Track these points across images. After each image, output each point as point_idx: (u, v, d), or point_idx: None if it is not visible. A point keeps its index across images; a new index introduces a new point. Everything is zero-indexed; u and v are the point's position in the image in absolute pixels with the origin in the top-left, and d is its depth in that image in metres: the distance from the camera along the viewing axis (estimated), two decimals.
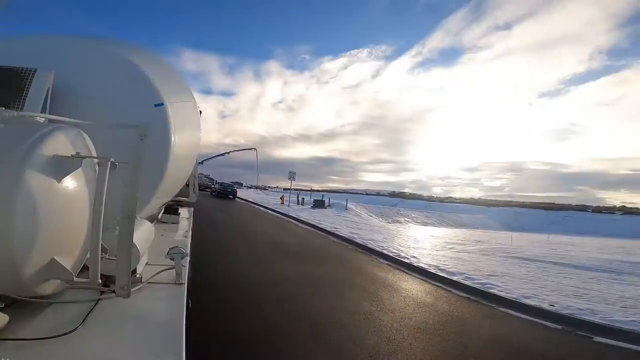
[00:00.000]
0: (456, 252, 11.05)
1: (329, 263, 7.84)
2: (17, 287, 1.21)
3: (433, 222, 35.72)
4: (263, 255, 7.87)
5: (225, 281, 5.65)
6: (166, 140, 2.35)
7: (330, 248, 9.99)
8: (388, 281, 6.74)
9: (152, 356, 1.17)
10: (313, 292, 5.51)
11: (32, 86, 1.92)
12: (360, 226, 17.16)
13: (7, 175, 1.08)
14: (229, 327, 3.92)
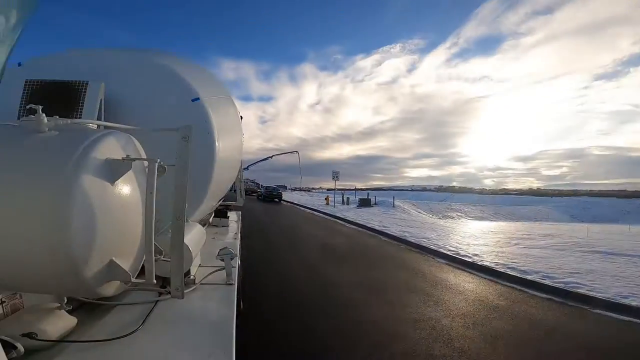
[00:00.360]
0: (524, 248, 9.96)
1: (383, 265, 7.42)
2: (81, 289, 1.24)
3: (489, 216, 33.23)
4: (313, 259, 7.68)
5: (276, 288, 5.51)
6: (211, 145, 2.44)
7: (381, 248, 9.54)
8: (450, 283, 6.16)
9: (205, 356, 1.21)
10: (369, 298, 5.16)
11: (86, 97, 2.06)
12: (411, 224, 16.36)
13: (64, 180, 1.11)
14: (285, 342, 3.73)
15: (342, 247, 9.29)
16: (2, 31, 0.76)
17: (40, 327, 1.27)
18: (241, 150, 4.09)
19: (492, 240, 11.60)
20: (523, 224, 23.08)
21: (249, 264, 6.55)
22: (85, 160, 1.16)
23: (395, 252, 8.98)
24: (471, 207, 38.19)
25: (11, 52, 0.79)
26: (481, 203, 53.14)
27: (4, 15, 0.75)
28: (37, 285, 1.23)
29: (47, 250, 1.07)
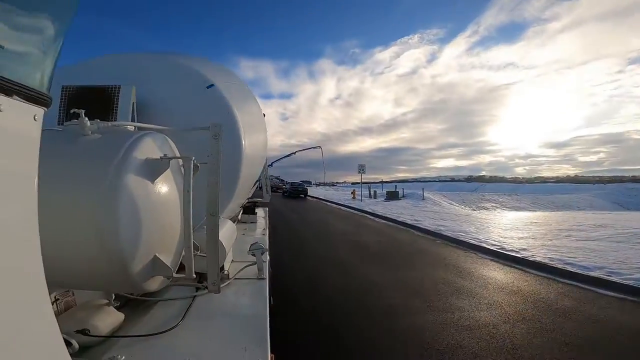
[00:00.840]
0: (577, 241, 9.07)
1: (421, 263, 6.91)
2: (128, 285, 1.29)
3: (526, 205, 31.37)
4: (343, 257, 7.29)
5: (306, 292, 5.18)
6: (238, 142, 2.51)
7: (416, 244, 8.99)
8: (500, 282, 5.58)
9: (241, 349, 1.26)
10: (411, 302, 4.70)
11: (119, 100, 2.17)
12: (444, 216, 15.59)
13: (110, 181, 1.16)
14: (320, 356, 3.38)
15: (374, 244, 8.84)
16: (45, 42, 0.77)
17: (92, 324, 1.34)
18: (266, 147, 4.16)
19: (538, 233, 10.70)
20: (566, 213, 21.49)
21: (277, 264, 6.27)
22: (128, 160, 1.22)
23: (432, 248, 8.42)
24: (506, 196, 36.26)
25: (56, 62, 0.81)
26: (516, 192, 50.52)
27: (45, 26, 0.76)
28: (89, 282, 1.32)
29: (98, 248, 1.13)
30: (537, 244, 8.57)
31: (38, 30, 0.76)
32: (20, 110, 0.71)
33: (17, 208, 0.70)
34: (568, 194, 52.10)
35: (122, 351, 1.23)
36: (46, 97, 0.77)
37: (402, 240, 9.50)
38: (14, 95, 0.68)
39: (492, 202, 30.57)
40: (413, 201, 24.76)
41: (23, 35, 0.73)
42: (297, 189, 31.91)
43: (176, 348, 1.27)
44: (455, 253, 7.86)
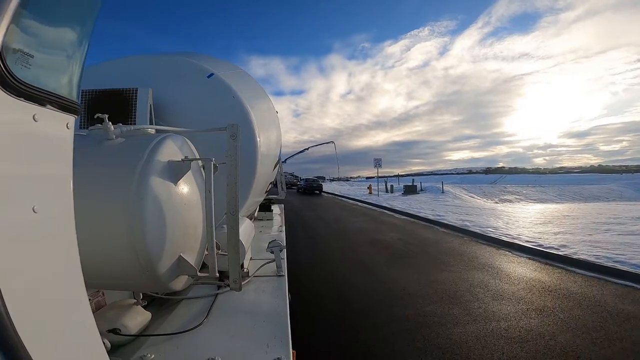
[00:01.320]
0: (620, 236, 8.37)
1: (451, 263, 6.42)
2: (156, 284, 1.33)
3: (552, 197, 30.06)
4: (365, 258, 6.88)
5: (328, 298, 4.81)
6: (252, 141, 2.55)
7: (443, 242, 8.49)
8: (546, 284, 5.06)
9: (264, 346, 1.29)
10: (448, 310, 4.26)
11: (137, 103, 2.22)
12: (468, 211, 14.95)
13: (135, 184, 1.20)
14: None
15: (396, 242, 8.39)
16: (72, 49, 0.78)
17: (122, 323, 1.38)
18: (280, 144, 4.15)
19: (575, 227, 10.01)
20: (597, 205, 20.40)
21: (294, 267, 5.95)
22: (152, 164, 1.26)
23: (461, 246, 7.91)
24: (529, 188, 34.90)
25: (83, 69, 0.83)
26: (539, 183, 48.80)
27: (70, 33, 0.78)
28: (119, 283, 1.37)
29: (128, 249, 1.18)
30: (577, 239, 7.94)
31: (65, 38, 0.76)
32: (53, 120, 0.73)
33: (57, 210, 0.73)
34: (594, 184, 49.97)
35: (151, 349, 1.27)
36: (76, 105, 0.79)
37: (426, 238, 9.01)
38: (47, 104, 0.70)
39: (515, 195, 29.42)
40: (432, 195, 24.06)
41: (51, 43, 0.73)
42: (311, 185, 31.63)
43: (202, 346, 1.31)
44: (487, 251, 7.34)
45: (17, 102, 0.62)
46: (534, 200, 26.92)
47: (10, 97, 0.60)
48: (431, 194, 25.31)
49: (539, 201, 26.56)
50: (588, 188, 39.48)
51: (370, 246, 7.95)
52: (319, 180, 36.92)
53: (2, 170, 0.58)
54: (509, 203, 24.27)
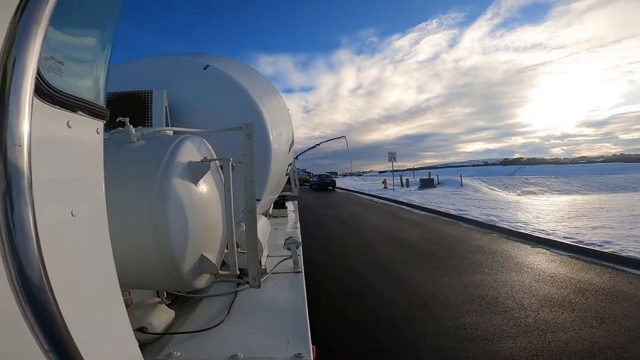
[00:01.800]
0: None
1: (484, 264, 5.87)
2: (180, 283, 1.38)
3: (577, 188, 28.74)
4: (386, 259, 6.39)
5: (348, 306, 4.36)
6: (265, 138, 2.56)
7: (470, 240, 7.90)
8: (597, 286, 4.49)
9: (284, 342, 1.32)
10: (491, 321, 3.74)
11: (153, 105, 2.27)
12: (491, 204, 14.26)
13: (158, 185, 1.25)
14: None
15: (418, 241, 7.86)
16: (96, 54, 0.80)
17: (148, 321, 1.43)
18: (293, 141, 4.17)
19: (612, 220, 9.27)
20: (627, 195, 19.31)
21: (309, 269, 5.55)
22: (173, 165, 1.32)
23: (491, 244, 7.33)
24: (552, 179, 33.51)
25: (108, 74, 0.85)
26: (560, 174, 47.09)
27: (94, 38, 0.79)
28: (145, 282, 1.45)
29: (154, 250, 1.23)
30: (619, 234, 7.27)
31: (90, 43, 0.78)
32: (85, 126, 0.76)
33: (93, 213, 0.77)
34: (619, 173, 47.92)
35: (176, 347, 1.30)
36: (104, 110, 0.82)
37: (450, 235, 8.46)
38: (79, 111, 0.72)
39: (538, 186, 28.24)
40: (450, 188, 23.30)
41: (78, 50, 0.74)
42: (324, 181, 31.21)
43: (224, 342, 1.34)
44: (521, 249, 6.76)
45: (53, 109, 0.64)
46: (559, 192, 25.77)
47: (47, 105, 0.62)
48: (449, 187, 24.53)
49: (564, 192, 25.41)
50: (613, 178, 37.77)
51: (390, 245, 7.46)
52: (331, 175, 36.47)
53: (44, 176, 0.59)
54: (532, 195, 23.29)
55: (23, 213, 0.51)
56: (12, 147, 0.49)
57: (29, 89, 0.53)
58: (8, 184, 0.49)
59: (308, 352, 1.26)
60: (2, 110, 0.49)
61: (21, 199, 0.51)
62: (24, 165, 0.51)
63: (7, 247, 0.49)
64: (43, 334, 0.53)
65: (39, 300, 0.53)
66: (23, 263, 0.50)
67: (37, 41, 0.54)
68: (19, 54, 0.52)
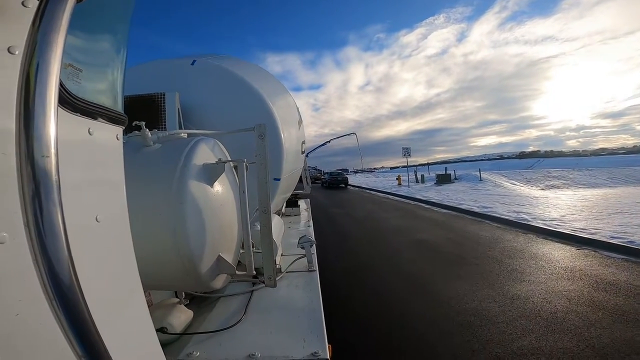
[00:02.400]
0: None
1: (528, 272, 5.19)
2: (198, 284, 1.40)
3: (603, 181, 27.43)
4: (413, 268, 5.78)
5: (376, 325, 3.79)
6: (277, 138, 2.64)
7: (504, 242, 7.19)
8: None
9: (300, 340, 1.34)
10: (566, 347, 3.10)
11: (166, 107, 2.32)
12: (516, 200, 13.46)
13: (175, 187, 1.28)
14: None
15: (445, 243, 7.20)
16: (112, 60, 0.80)
17: (168, 322, 1.46)
18: (304, 139, 4.14)
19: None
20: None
21: (325, 281, 5.04)
22: (189, 167, 1.34)
23: (529, 247, 6.62)
24: (575, 172, 32.16)
25: (124, 79, 0.86)
26: (581, 166, 45.40)
27: (109, 44, 0.79)
28: (165, 283, 1.49)
29: (173, 251, 1.26)
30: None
31: (106, 49, 0.78)
32: (106, 132, 0.77)
33: (116, 218, 0.78)
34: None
35: (196, 347, 1.34)
36: (123, 116, 0.84)
37: (480, 236, 7.79)
38: (99, 118, 0.73)
39: (561, 179, 27.06)
40: (469, 184, 22.44)
41: (95, 56, 0.75)
42: (336, 178, 30.58)
43: (242, 342, 1.37)
44: (566, 252, 6.05)
45: (74, 117, 0.65)
46: (584, 185, 24.59)
47: (68, 113, 0.63)
48: (467, 182, 23.66)
49: (590, 186, 24.23)
50: (639, 169, 36.08)
51: (415, 250, 6.82)
52: (343, 173, 35.86)
53: (69, 183, 0.60)
54: (557, 189, 22.23)
55: (52, 216, 0.51)
56: (39, 156, 0.50)
57: (53, 97, 0.53)
58: (37, 191, 0.50)
59: (324, 350, 1.27)
60: (28, 119, 0.50)
61: (51, 204, 0.51)
62: (52, 173, 0.52)
63: (37, 247, 0.50)
64: (74, 334, 0.54)
65: (70, 300, 0.53)
66: (54, 263, 0.51)
67: (58, 48, 0.54)
68: (42, 62, 0.52)
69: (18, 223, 0.50)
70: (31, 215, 0.49)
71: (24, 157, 0.49)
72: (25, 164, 0.49)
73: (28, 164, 0.49)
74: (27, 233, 0.50)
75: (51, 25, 0.53)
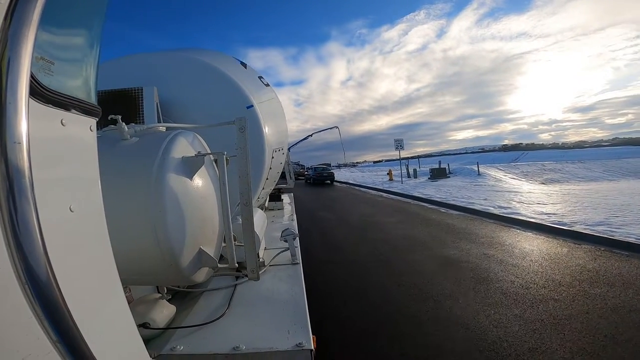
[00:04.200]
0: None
1: (593, 299, 3.45)
2: (179, 278, 1.42)
3: (600, 174, 26.70)
4: (465, 314, 3.88)
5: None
6: (259, 132, 2.70)
7: (567, 259, 5.39)
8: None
9: (285, 332, 1.38)
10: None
11: (144, 102, 2.33)
12: (530, 197, 11.86)
13: (154, 180, 1.27)
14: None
15: (489, 266, 5.30)
16: (86, 52, 0.81)
17: (150, 317, 1.47)
18: (287, 134, 4.16)
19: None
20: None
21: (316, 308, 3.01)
22: (167, 161, 1.34)
23: (609, 267, 4.89)
24: (569, 164, 31.55)
25: (98, 71, 0.86)
26: (568, 159, 45.58)
27: (82, 37, 0.80)
28: (145, 278, 1.48)
29: (152, 245, 1.25)
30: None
31: (79, 42, 0.79)
32: (79, 123, 0.78)
33: (91, 208, 0.78)
34: (632, 157, 46.72)
35: (180, 341, 1.35)
36: (97, 108, 0.84)
37: (526, 252, 5.87)
38: (72, 109, 0.74)
39: (559, 173, 26.08)
40: (467, 178, 20.97)
41: (68, 49, 0.76)
42: (322, 174, 28.08)
43: (226, 335, 1.39)
44: (620, 263, 4.32)
45: (47, 109, 0.66)
46: (584, 179, 23.67)
47: (40, 105, 0.64)
48: (464, 177, 22.22)
49: (591, 179, 23.32)
50: (631, 162, 36.13)
51: (451, 278, 4.82)
52: (329, 168, 33.79)
53: (42, 174, 0.60)
54: (558, 183, 21.10)
55: (26, 211, 0.52)
56: (12, 146, 0.50)
57: (24, 89, 0.54)
58: (10, 184, 0.50)
59: (309, 341, 1.30)
60: (0, 111, 0.50)
61: (23, 197, 0.52)
62: (24, 164, 0.52)
63: (12, 245, 0.50)
64: (53, 329, 0.54)
65: (47, 295, 0.54)
66: (30, 260, 0.52)
67: (29, 42, 0.55)
68: (13, 55, 0.53)
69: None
70: (5, 209, 0.48)
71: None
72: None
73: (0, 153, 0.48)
74: (2, 228, 0.48)
75: (22, 20, 0.53)
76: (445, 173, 23.23)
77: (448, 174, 23.54)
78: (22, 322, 0.52)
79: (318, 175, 27.94)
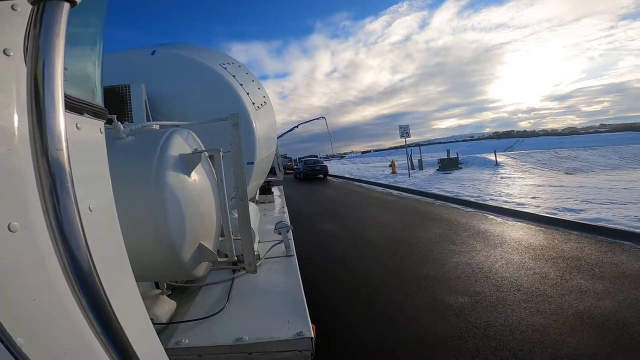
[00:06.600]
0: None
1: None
2: (180, 273, 1.49)
3: (618, 162, 25.13)
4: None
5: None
6: (249, 126, 2.81)
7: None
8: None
9: (285, 323, 1.45)
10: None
11: (132, 99, 2.36)
12: (590, 195, 9.61)
13: (153, 178, 1.30)
14: None
15: (540, 284, 3.01)
16: (92, 56, 0.82)
17: (153, 313, 1.53)
18: (275, 127, 4.35)
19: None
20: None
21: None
22: (165, 158, 1.38)
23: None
24: (583, 152, 29.98)
25: (102, 74, 0.88)
26: (566, 146, 44.50)
27: (89, 40, 0.82)
28: (148, 273, 1.49)
29: (154, 241, 1.29)
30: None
31: (86, 46, 0.82)
32: (91, 126, 0.82)
33: (105, 206, 0.82)
34: (635, 143, 46.11)
35: (184, 335, 1.42)
36: (104, 110, 0.88)
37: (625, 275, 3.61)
38: (85, 113, 0.79)
39: (578, 161, 24.20)
40: (485, 169, 18.77)
41: (77, 54, 0.78)
42: (313, 168, 25.18)
43: (228, 327, 1.46)
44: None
45: (66, 114, 0.67)
46: (607, 167, 21.91)
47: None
48: (478, 167, 20.06)
49: (614, 168, 21.58)
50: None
51: (523, 323, 2.55)
52: (321, 161, 31.04)
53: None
54: (583, 173, 19.21)
55: (67, 204, 0.53)
56: (54, 151, 0.53)
57: (60, 96, 0.55)
58: (57, 193, 0.52)
59: (309, 330, 1.37)
60: (40, 117, 0.52)
61: (64, 191, 0.54)
62: (65, 163, 0.54)
63: (57, 234, 0.52)
64: (97, 321, 0.55)
65: (89, 283, 0.55)
66: (74, 253, 0.53)
67: (59, 49, 0.56)
68: (47, 63, 0.54)
69: (34, 213, 0.54)
70: (50, 205, 0.51)
71: (39, 152, 0.51)
72: (41, 159, 0.51)
73: (44, 159, 0.51)
74: (47, 221, 0.51)
75: (52, 29, 0.54)
76: (456, 164, 20.96)
77: (459, 164, 21.31)
78: (68, 315, 0.56)
79: (309, 169, 25.04)
